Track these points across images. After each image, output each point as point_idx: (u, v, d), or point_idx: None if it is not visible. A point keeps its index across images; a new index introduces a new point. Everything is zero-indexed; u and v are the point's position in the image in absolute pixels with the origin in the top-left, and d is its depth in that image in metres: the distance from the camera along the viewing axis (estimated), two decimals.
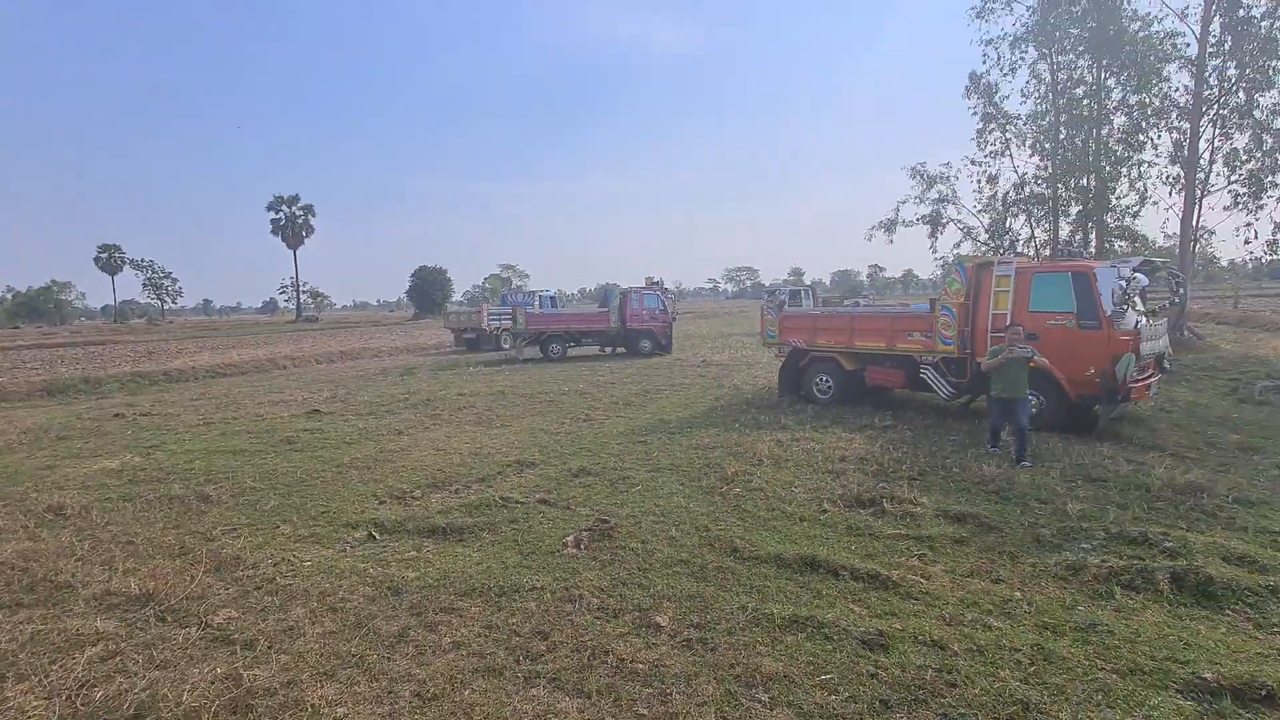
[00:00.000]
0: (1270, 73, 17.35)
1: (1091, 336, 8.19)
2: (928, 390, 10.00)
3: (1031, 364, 7.15)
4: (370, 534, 5.51)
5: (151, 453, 8.85)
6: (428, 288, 67.65)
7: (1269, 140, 17.54)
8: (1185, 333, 17.90)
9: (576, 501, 6.23)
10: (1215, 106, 18.09)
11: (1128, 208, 19.49)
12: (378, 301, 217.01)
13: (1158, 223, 63.09)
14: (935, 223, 21.84)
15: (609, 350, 22.91)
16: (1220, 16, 17.65)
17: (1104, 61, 19.02)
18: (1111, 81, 19.30)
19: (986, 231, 21.27)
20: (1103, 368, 8.04)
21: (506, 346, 26.02)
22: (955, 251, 21.69)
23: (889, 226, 22.54)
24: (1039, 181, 20.46)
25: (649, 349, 21.87)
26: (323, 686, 3.24)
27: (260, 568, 4.78)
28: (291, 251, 68.04)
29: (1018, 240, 21.28)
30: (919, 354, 9.99)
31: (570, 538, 5.14)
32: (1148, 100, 18.56)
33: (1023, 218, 21.07)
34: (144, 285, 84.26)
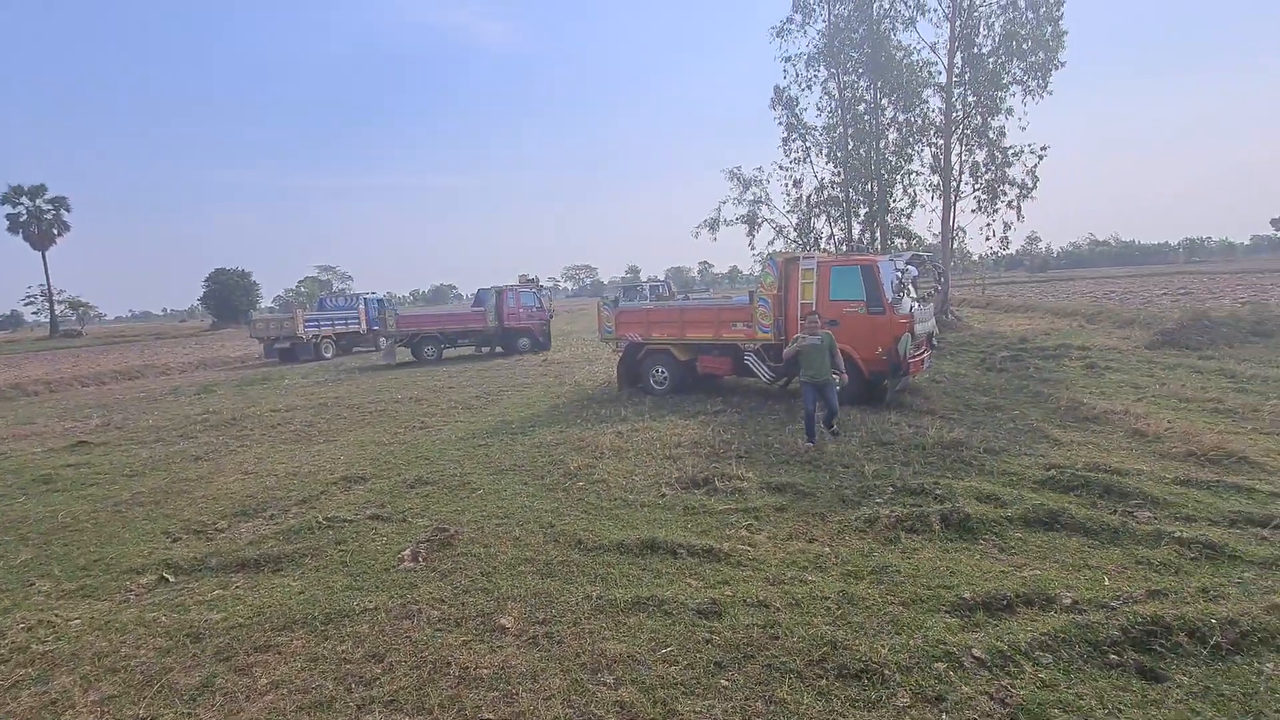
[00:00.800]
0: (997, 101, 21.22)
1: (878, 320, 9.45)
2: (751, 375, 10.89)
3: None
4: (161, 577, 4.78)
5: None
6: (228, 293, 59.58)
7: (999, 156, 21.46)
8: (949, 315, 21.32)
9: (414, 513, 5.91)
10: (960, 126, 21.72)
11: (902, 210, 22.77)
12: (164, 311, 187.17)
13: (925, 223, 74.38)
14: (752, 222, 23.80)
15: (486, 350, 22.18)
16: (961, 51, 21.22)
17: (878, 83, 21.98)
18: (885, 101, 22.36)
19: (795, 230, 23.62)
20: (888, 347, 9.32)
21: (328, 355, 23.82)
22: (770, 248, 23.83)
23: (712, 225, 24.16)
24: (834, 186, 23.13)
25: (527, 347, 21.49)
26: None
27: (9, 636, 3.92)
28: (40, 253, 56.13)
29: (821, 238, 23.87)
30: (742, 342, 10.83)
31: (407, 551, 4.88)
32: (913, 119, 21.80)
33: (824, 218, 23.67)
34: None
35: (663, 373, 11.74)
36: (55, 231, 56.09)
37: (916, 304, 10.12)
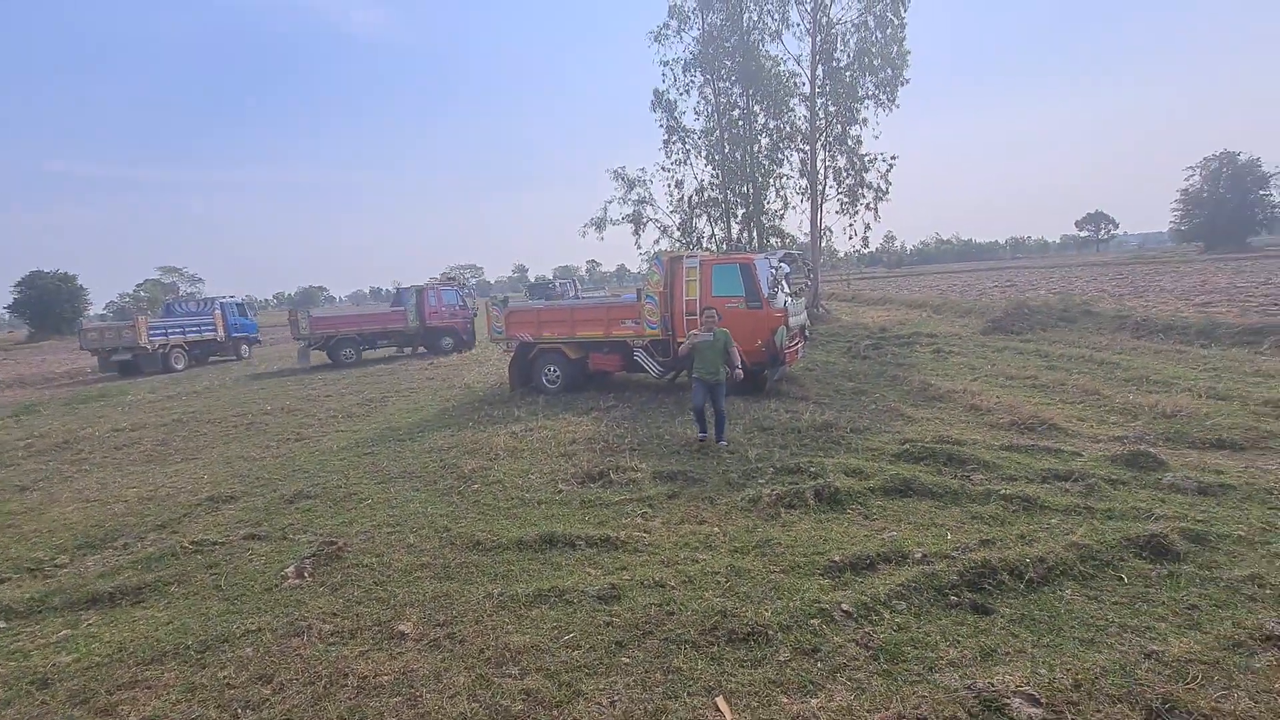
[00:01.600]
0: (855, 112, 23.17)
1: (756, 314, 10.08)
2: (641, 371, 11.22)
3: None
4: None
5: None
6: (47, 300, 51.61)
7: (857, 162, 23.44)
8: (819, 308, 23.01)
9: (295, 529, 5.59)
10: (824, 134, 23.49)
11: (776, 212, 24.25)
12: None
13: (796, 223, 79.34)
14: (637, 221, 24.37)
15: (408, 351, 21.15)
16: (821, 65, 22.93)
17: (750, 91, 23.24)
18: (757, 108, 23.69)
19: (679, 230, 24.44)
20: (766, 339, 9.98)
21: (179, 366, 21.47)
22: (655, 247, 24.48)
23: (599, 224, 24.46)
24: (713, 188, 24.20)
25: (451, 346, 20.71)
26: None
27: None
28: None
29: (703, 237, 24.87)
30: (631, 339, 11.13)
31: (290, 569, 4.63)
32: (782, 125, 23.29)
33: (705, 218, 24.69)
34: None
35: (555, 371, 11.79)
36: None
37: (790, 298, 10.91)
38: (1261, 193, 66.23)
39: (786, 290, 11.14)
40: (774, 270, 10.13)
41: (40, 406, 14.87)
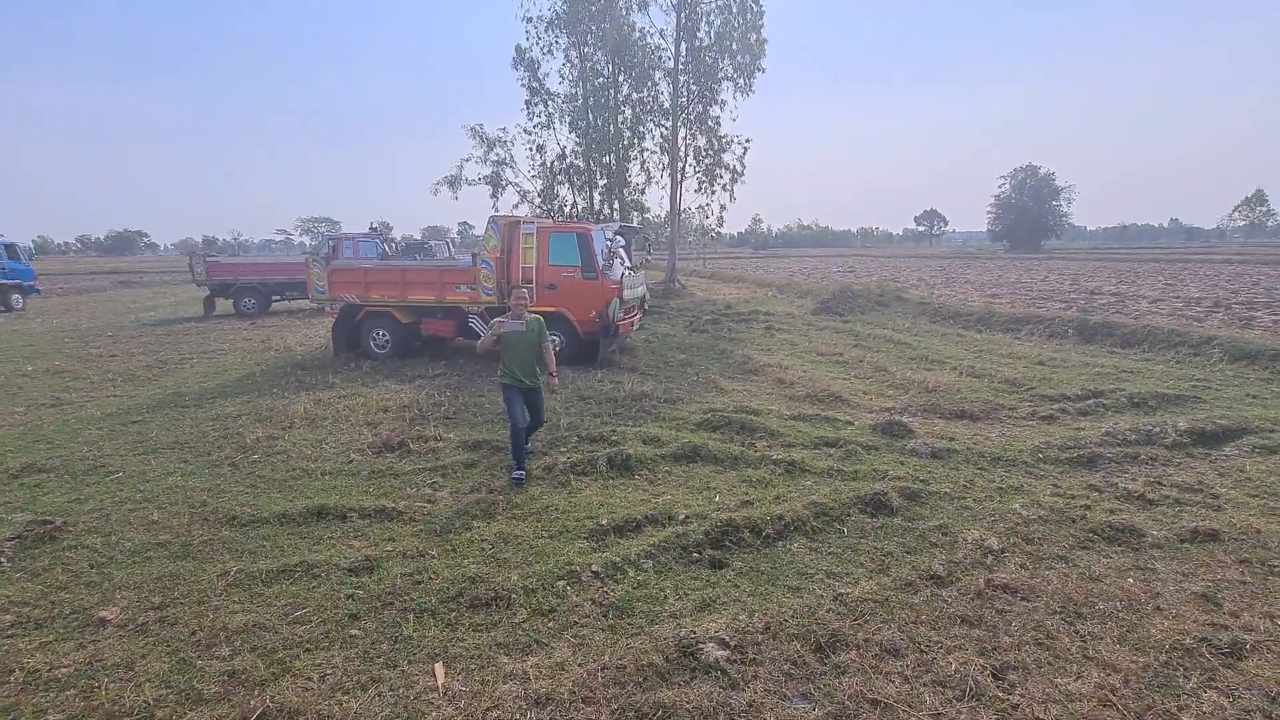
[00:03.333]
0: (715, 92, 23.80)
1: (591, 285, 10.13)
2: (476, 337, 10.89)
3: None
4: None
5: None
6: None
7: (715, 143, 24.20)
8: (675, 284, 23.75)
9: (12, 508, 4.81)
10: (685, 112, 23.94)
11: (638, 185, 24.48)
12: None
13: (658, 198, 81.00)
14: (496, 184, 23.48)
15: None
16: (685, 41, 23.24)
17: (615, 59, 23.05)
18: (621, 78, 23.56)
19: (539, 196, 23.90)
20: (600, 310, 10.08)
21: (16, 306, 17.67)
22: (515, 211, 23.77)
23: (453, 183, 23.26)
24: (576, 155, 23.86)
25: None
26: None
27: None
28: None
29: (565, 205, 24.54)
30: (466, 305, 10.76)
31: None
32: (645, 98, 23.39)
33: (568, 186, 24.34)
34: None
35: (384, 335, 11.14)
36: None
37: (628, 271, 11.07)
38: (1054, 203, 77.66)
39: (626, 263, 11.31)
40: (609, 242, 10.21)
41: None
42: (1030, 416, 7.21)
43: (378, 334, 11.16)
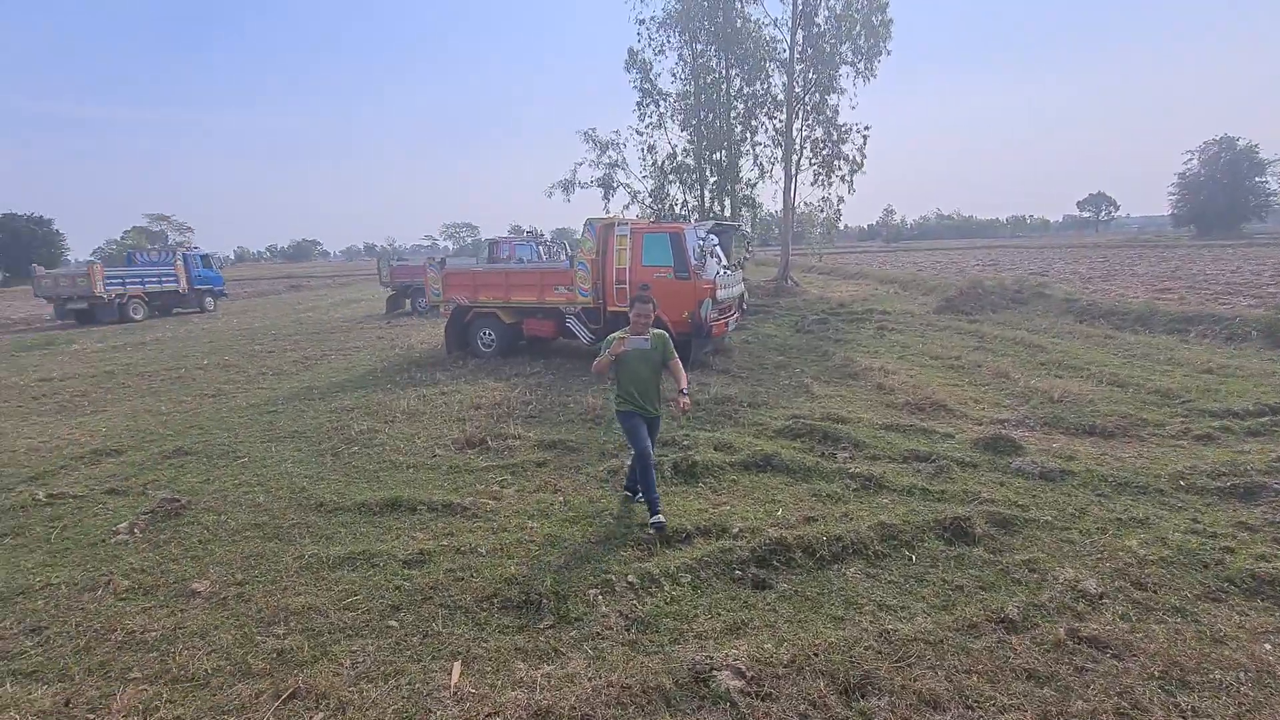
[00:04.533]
0: (833, 81, 22.64)
1: (683, 285, 10.02)
2: (574, 338, 11.20)
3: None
4: None
5: None
6: (21, 245, 50.86)
7: (833, 133, 23.02)
8: (788, 281, 22.93)
9: (157, 485, 5.62)
10: (801, 102, 22.99)
11: (748, 181, 23.89)
12: None
13: (771, 193, 78.25)
14: (608, 185, 23.97)
15: None
16: (802, 29, 22.31)
17: (727, 53, 22.65)
18: (734, 72, 23.11)
19: (650, 196, 24.09)
20: (691, 310, 9.95)
21: (137, 317, 21.33)
22: (625, 212, 24.16)
23: (567, 186, 24.07)
24: (687, 154, 23.76)
25: None
26: None
27: None
28: None
29: (675, 204, 24.54)
30: (564, 305, 11.08)
31: (123, 525, 4.66)
32: (757, 91, 22.77)
33: (678, 184, 24.31)
34: None
35: (489, 335, 11.76)
36: None
37: (724, 270, 10.84)
38: (1257, 179, 65.66)
39: (723, 261, 11.08)
40: (702, 241, 10.03)
41: None
42: (1181, 435, 6.12)
43: (484, 334, 11.80)
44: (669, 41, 23.35)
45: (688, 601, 3.49)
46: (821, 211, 23.66)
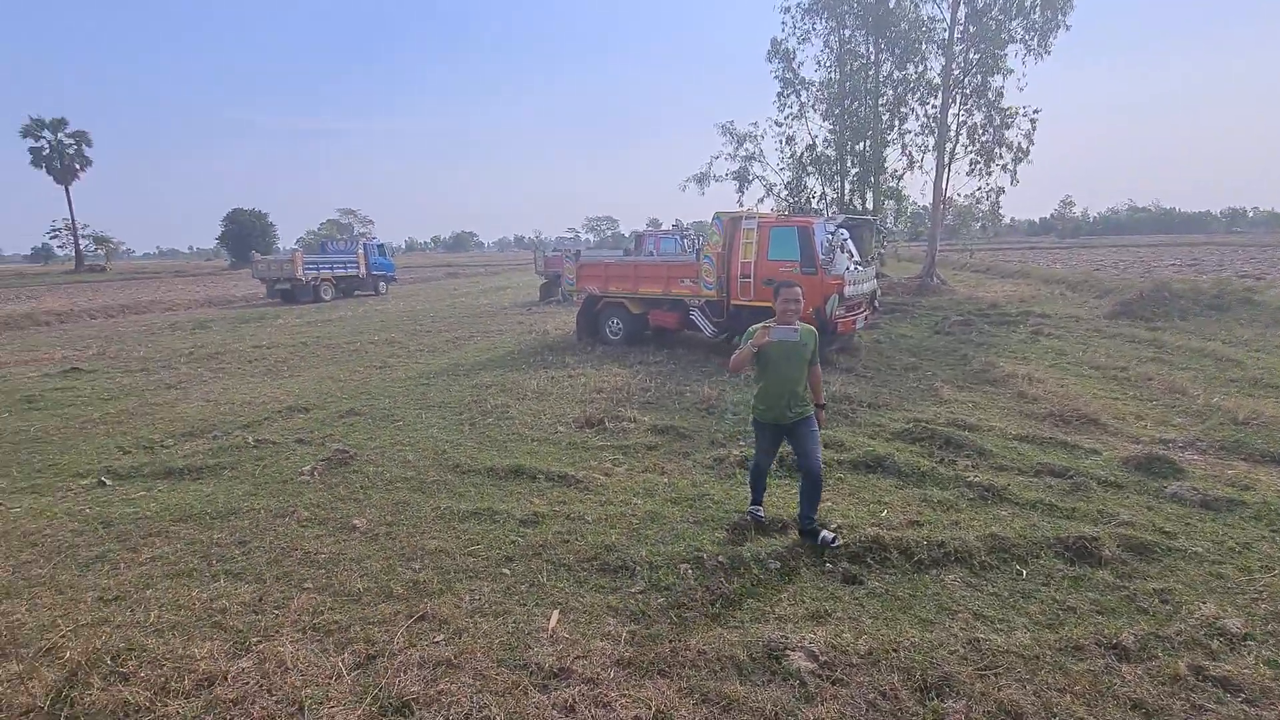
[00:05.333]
0: (999, 60, 20.67)
1: (809, 280, 9.82)
2: (698, 330, 11.42)
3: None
4: (100, 481, 5.58)
5: None
6: (245, 234, 60.56)
7: (996, 118, 21.04)
8: (933, 279, 21.41)
9: (333, 439, 6.65)
10: (959, 86, 21.25)
11: (894, 172, 22.54)
12: (190, 249, 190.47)
13: (920, 184, 71.83)
14: (743, 178, 23.79)
15: None
16: (965, 5, 20.58)
17: (877, 38, 21.47)
18: (884, 56, 21.87)
19: (786, 188, 23.55)
20: (817, 306, 9.76)
21: (326, 298, 24.67)
22: (759, 205, 23.84)
23: (701, 179, 24.19)
24: (828, 144, 22.92)
25: None
26: (2, 604, 3.55)
27: None
28: (63, 187, 57.47)
29: (813, 197, 23.79)
30: (689, 298, 11.33)
31: (307, 468, 5.62)
32: (909, 76, 21.37)
33: (817, 176, 23.54)
34: None
35: (617, 324, 12.31)
36: (78, 166, 57.12)
37: (855, 266, 10.49)
38: None
39: (854, 257, 10.73)
40: (831, 235, 9.78)
41: (212, 323, 18.01)
42: None
43: (612, 322, 12.37)
44: (814, 28, 22.62)
45: (774, 586, 3.60)
46: (978, 204, 21.75)
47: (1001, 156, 21.43)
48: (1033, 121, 20.57)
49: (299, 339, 14.49)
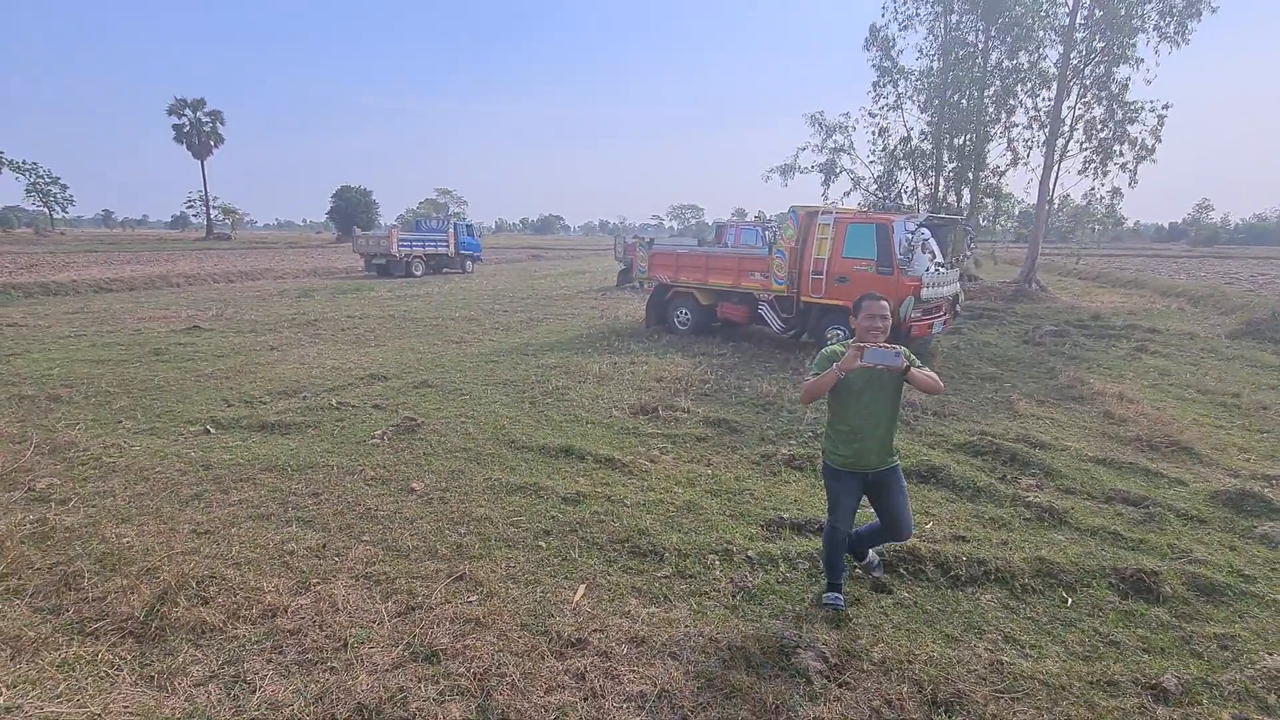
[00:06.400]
0: (1127, 49, 18.89)
1: (885, 280, 9.51)
2: (765, 325, 11.30)
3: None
4: (206, 429, 6.28)
5: (11, 360, 9.13)
6: (351, 210, 64.77)
7: (1119, 111, 19.28)
8: (1032, 284, 20.01)
9: (406, 407, 7.13)
10: (1078, 76, 19.60)
11: (995, 168, 21.14)
12: (304, 221, 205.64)
13: (1024, 182, 65.95)
14: (829, 171, 23.02)
15: None
16: None
17: (988, 24, 20.11)
18: (994, 44, 20.48)
19: (876, 182, 22.61)
20: (891, 308, 9.42)
21: (417, 273, 26.06)
22: (845, 199, 23.04)
23: (786, 171, 23.60)
24: (924, 137, 21.78)
25: None
26: (117, 526, 4.12)
27: (90, 450, 5.51)
28: (199, 162, 63.52)
29: (904, 192, 22.75)
30: (758, 292, 11.21)
31: (379, 431, 6.08)
32: (1020, 65, 19.91)
33: (909, 170, 22.46)
34: (27, 191, 76.61)
35: (686, 314, 12.37)
36: (212, 143, 63.01)
37: (938, 268, 10.04)
38: None
39: (936, 258, 10.28)
40: (911, 234, 9.39)
41: (316, 292, 19.49)
42: None
43: (681, 312, 12.43)
44: (918, 13, 21.47)
45: (798, 585, 3.61)
46: (1093, 204, 20.06)
47: (1122, 154, 19.67)
48: (1160, 118, 18.71)
49: (388, 311, 15.46)
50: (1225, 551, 4.09)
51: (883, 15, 21.79)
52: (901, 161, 22.32)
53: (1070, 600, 3.50)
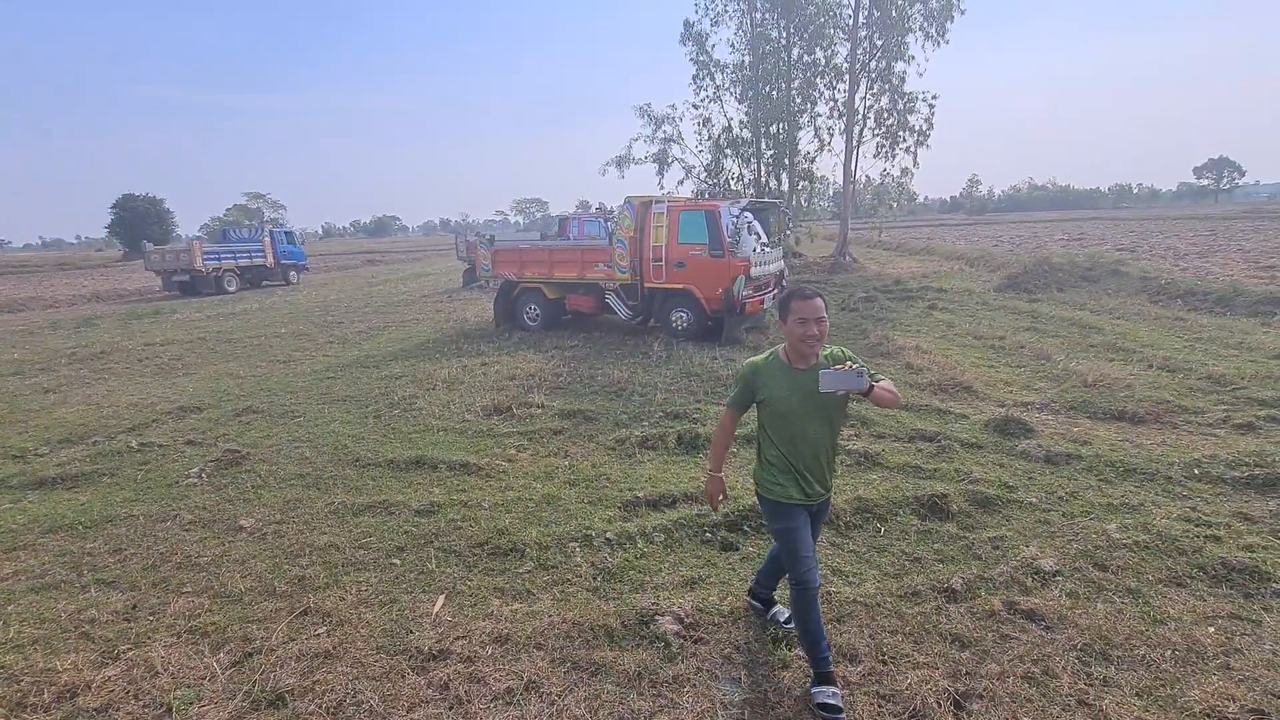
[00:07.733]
0: (902, 47, 21.61)
1: (717, 263, 10.15)
2: (613, 314, 11.56)
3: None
4: None
5: None
6: (137, 221, 55.92)
7: (899, 102, 22.05)
8: (845, 258, 22.37)
9: (226, 439, 6.40)
10: (864, 70, 22.11)
11: (807, 154, 23.27)
12: (78, 238, 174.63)
13: (831, 166, 74.11)
14: (662, 161, 23.96)
15: None
16: None
17: (787, 22, 21.98)
18: (794, 40, 22.43)
19: (705, 170, 23.90)
20: (725, 287, 10.08)
21: (230, 289, 23.31)
22: (679, 188, 24.13)
23: (622, 163, 24.22)
24: (744, 126, 23.37)
25: None
26: None
27: None
28: None
29: (731, 179, 24.27)
30: (604, 281, 11.43)
31: (194, 470, 5.42)
32: (817, 60, 22.04)
33: (734, 158, 23.99)
34: None
35: (535, 310, 12.28)
36: None
37: (762, 248, 10.87)
38: None
39: (761, 239, 11.12)
40: (736, 218, 10.10)
41: (100, 320, 16.70)
42: (1220, 424, 5.84)
43: (530, 308, 12.33)
44: (727, 10, 22.89)
45: (656, 558, 3.81)
46: (887, 184, 22.80)
47: (904, 140, 22.53)
48: (931, 107, 21.67)
49: (196, 334, 13.69)
50: (996, 469, 4.94)
51: (695, 11, 22.98)
52: (726, 150, 23.78)
53: (883, 529, 4.05)
